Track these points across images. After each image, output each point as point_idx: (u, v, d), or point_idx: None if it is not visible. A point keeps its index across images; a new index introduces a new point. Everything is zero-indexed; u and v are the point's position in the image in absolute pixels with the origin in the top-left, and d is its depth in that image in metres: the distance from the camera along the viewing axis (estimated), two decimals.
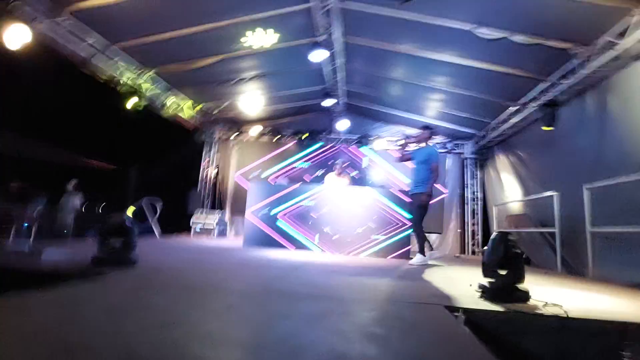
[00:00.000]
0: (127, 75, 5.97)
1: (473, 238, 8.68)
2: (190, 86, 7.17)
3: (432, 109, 7.79)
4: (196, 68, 6.21)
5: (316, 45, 5.43)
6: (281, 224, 5.53)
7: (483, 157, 8.23)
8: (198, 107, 8.04)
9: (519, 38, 4.57)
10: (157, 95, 6.90)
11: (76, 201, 8.24)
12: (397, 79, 6.86)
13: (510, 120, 6.69)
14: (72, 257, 3.00)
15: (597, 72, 4.54)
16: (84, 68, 5.41)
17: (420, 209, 4.51)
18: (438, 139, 8.91)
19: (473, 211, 8.83)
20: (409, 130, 8.96)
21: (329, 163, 8.84)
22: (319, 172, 8.91)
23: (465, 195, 8.91)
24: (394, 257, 5.25)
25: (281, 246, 5.43)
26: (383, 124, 9.12)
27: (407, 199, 5.48)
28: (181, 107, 7.59)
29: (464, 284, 2.94)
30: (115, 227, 3.03)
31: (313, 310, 1.81)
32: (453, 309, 1.98)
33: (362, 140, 8.96)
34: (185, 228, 8.13)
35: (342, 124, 8.59)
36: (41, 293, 1.81)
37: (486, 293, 2.35)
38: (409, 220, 4.82)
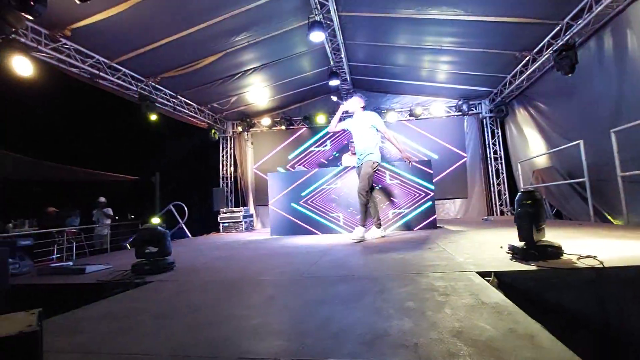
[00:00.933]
0: (134, 88, 6.08)
1: (500, 198, 8.52)
2: (194, 88, 7.23)
3: (442, 72, 7.54)
4: (198, 69, 6.24)
5: (314, 24, 5.31)
6: (305, 210, 5.62)
7: (502, 114, 7.95)
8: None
9: None
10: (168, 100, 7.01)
11: (107, 215, 8.66)
12: (401, 46, 6.65)
13: (526, 72, 6.40)
14: (113, 269, 3.18)
15: (610, 7, 4.27)
16: (92, 86, 5.55)
17: (369, 178, 4.24)
18: (452, 101, 8.67)
19: (497, 171, 8.64)
20: (421, 98, 8.77)
21: (344, 143, 8.80)
22: (335, 154, 8.91)
23: (487, 155, 8.70)
24: (420, 228, 5.26)
25: (308, 232, 5.53)
26: (393, 96, 8.95)
27: (426, 169, 5.43)
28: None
29: (494, 247, 2.93)
30: (149, 234, 3.18)
31: (348, 292, 1.87)
32: (485, 273, 1.99)
33: None
34: (214, 226, 8.40)
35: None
36: (91, 307, 1.95)
37: (517, 254, 2.34)
38: (359, 189, 4.31)
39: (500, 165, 8.64)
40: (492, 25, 5.36)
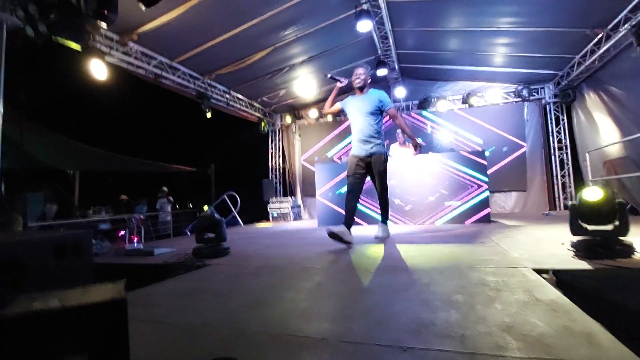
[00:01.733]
0: (192, 86, 6.52)
1: (564, 191, 7.82)
2: (246, 83, 7.54)
3: (499, 56, 7.02)
4: (249, 65, 6.50)
5: (362, 13, 5.25)
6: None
7: (568, 99, 7.22)
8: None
9: None
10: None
11: (168, 204, 9.45)
12: (453, 30, 6.31)
13: (599, 51, 5.74)
14: (177, 252, 3.50)
15: None
16: (156, 85, 6.06)
17: (386, 173, 3.63)
18: (511, 86, 8.06)
19: (562, 161, 7.92)
20: (475, 84, 8.27)
21: (393, 132, 8.63)
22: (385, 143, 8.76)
23: (551, 144, 7.99)
24: (473, 222, 5.04)
25: (354, 223, 5.56)
26: (444, 83, 8.53)
27: (479, 160, 5.16)
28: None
29: (553, 243, 2.75)
30: (207, 222, 3.45)
31: (395, 282, 1.89)
32: (541, 270, 1.89)
33: (424, 104, 8.51)
34: (264, 215, 8.78)
35: (400, 92, 8.26)
36: (160, 285, 2.19)
37: (581, 251, 2.17)
38: (380, 188, 3.63)
39: (565, 155, 7.90)
40: (557, 1, 4.87)
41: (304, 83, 7.94)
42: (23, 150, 5.42)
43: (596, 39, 5.66)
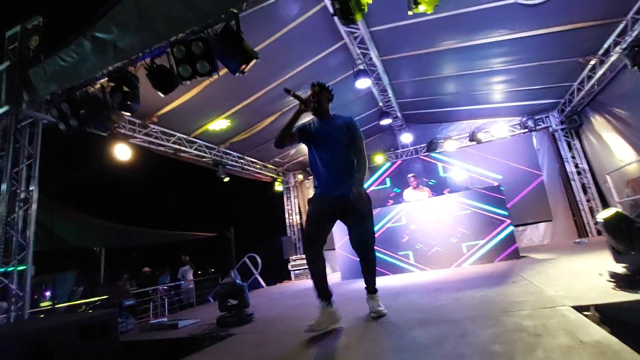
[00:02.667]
0: (209, 156, 6.91)
1: (593, 216, 7.47)
2: (257, 147, 7.92)
3: (498, 92, 7.25)
4: (259, 131, 6.90)
5: (360, 73, 5.63)
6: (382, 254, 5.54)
7: (575, 125, 7.24)
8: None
9: None
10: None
11: (190, 272, 9.44)
12: (449, 76, 6.63)
13: (595, 76, 5.88)
14: (201, 322, 3.44)
15: None
16: (175, 158, 6.45)
17: (372, 218, 2.68)
18: (514, 119, 8.18)
19: (583, 186, 7.69)
20: (478, 122, 8.44)
21: (407, 178, 8.70)
22: (396, 190, 8.79)
23: (568, 170, 7.84)
24: (501, 260, 4.82)
25: (378, 274, 5.38)
26: (448, 124, 8.74)
27: (496, 195, 5.09)
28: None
29: (591, 275, 2.59)
30: (229, 288, 3.43)
31: (426, 337, 1.80)
32: (582, 307, 1.77)
33: (431, 146, 8.65)
34: (286, 274, 8.62)
35: (406, 137, 8.49)
36: None
37: (622, 281, 2.05)
38: (364, 244, 2.68)
39: (585, 179, 7.69)
40: (544, 38, 5.13)
41: None
42: (54, 233, 5.67)
43: (590, 65, 5.83)
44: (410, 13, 3.23)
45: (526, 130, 8.06)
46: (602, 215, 2.28)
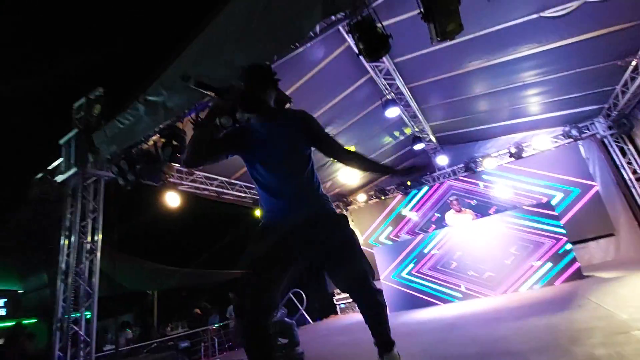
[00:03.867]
0: (248, 195, 7.23)
1: None
2: None
3: (535, 105, 7.01)
4: None
5: (388, 102, 5.75)
6: (419, 280, 5.36)
7: (625, 128, 6.76)
8: None
9: None
10: None
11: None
12: (481, 94, 6.56)
13: (639, 77, 5.55)
14: None
15: None
16: (218, 200, 6.81)
17: (361, 251, 1.84)
18: (556, 129, 7.81)
19: None
20: (517, 136, 8.14)
21: (447, 201, 8.47)
22: (438, 214, 8.53)
23: (625, 177, 7.23)
24: (563, 282, 4.45)
25: (428, 304, 5.18)
26: (484, 142, 8.50)
27: (547, 211, 4.79)
28: None
29: None
30: (278, 327, 3.46)
31: None
32: None
33: (470, 166, 8.41)
34: (331, 308, 8.45)
35: (442, 160, 8.36)
36: None
37: None
38: (361, 284, 1.79)
39: None
40: (575, 46, 4.99)
41: (347, 172, 8.39)
42: (113, 280, 6.08)
43: (631, 67, 5.54)
44: (432, 43, 3.34)
45: (571, 139, 7.63)
46: None
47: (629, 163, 7.28)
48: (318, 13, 2.99)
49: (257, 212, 7.32)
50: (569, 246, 4.56)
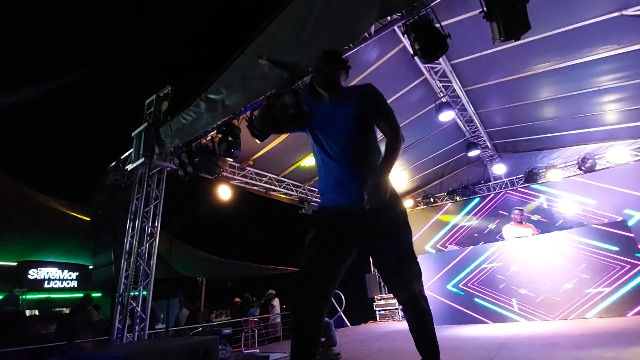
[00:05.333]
0: (295, 193, 7.39)
1: None
2: None
3: (612, 113, 6.29)
4: None
5: (442, 106, 5.53)
6: (466, 294, 5.07)
7: None
8: None
9: None
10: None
11: (275, 306, 9.79)
12: (547, 99, 6.03)
13: None
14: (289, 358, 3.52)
15: None
16: (266, 197, 7.05)
17: (411, 248, 1.66)
18: (637, 142, 6.93)
19: None
20: (589, 147, 7.37)
21: (499, 213, 7.91)
22: (492, 226, 8.00)
23: None
24: (636, 314, 3.93)
25: (475, 320, 4.87)
26: (549, 152, 7.80)
27: (621, 232, 4.27)
28: None
29: None
30: None
31: None
32: None
33: (531, 177, 7.77)
34: (370, 314, 8.31)
35: (499, 168, 7.84)
36: None
37: None
38: (406, 285, 1.63)
39: None
40: None
41: (395, 175, 8.21)
42: (169, 265, 6.58)
43: None
44: (495, 43, 3.14)
45: None
46: None
47: None
48: (374, 14, 2.97)
49: (304, 210, 7.45)
50: None
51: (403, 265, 1.59)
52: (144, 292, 4.88)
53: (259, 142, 3.72)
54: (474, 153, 7.04)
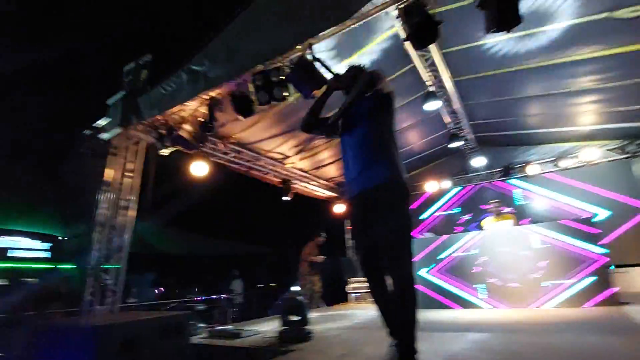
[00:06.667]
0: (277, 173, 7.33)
1: None
2: (323, 166, 8.14)
3: (590, 113, 6.48)
4: (321, 152, 7.14)
5: (429, 95, 5.52)
6: (437, 280, 5.24)
7: None
8: None
9: None
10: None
11: (239, 285, 9.89)
12: (531, 96, 6.14)
13: None
14: (262, 335, 3.57)
15: None
16: (247, 175, 6.96)
17: (407, 230, 1.94)
18: (610, 143, 7.21)
19: None
20: (565, 145, 7.61)
21: (476, 204, 8.15)
22: (467, 217, 8.24)
23: None
24: (594, 305, 4.18)
25: (443, 306, 5.06)
26: (528, 148, 8.02)
27: (586, 228, 4.47)
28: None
29: None
30: (291, 304, 3.53)
31: None
32: None
33: (508, 171, 8.00)
34: (344, 296, 8.51)
35: (479, 161, 7.99)
36: None
37: None
38: (396, 262, 1.92)
39: None
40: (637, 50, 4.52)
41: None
42: (143, 238, 6.46)
43: None
44: (486, 34, 3.13)
45: (627, 155, 7.03)
46: None
47: None
48: None
49: (285, 191, 7.41)
50: (608, 268, 4.26)
51: (397, 248, 1.85)
52: (117, 266, 4.78)
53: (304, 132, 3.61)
54: (456, 145, 7.14)
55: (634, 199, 6.78)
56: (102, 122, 4.97)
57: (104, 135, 4.79)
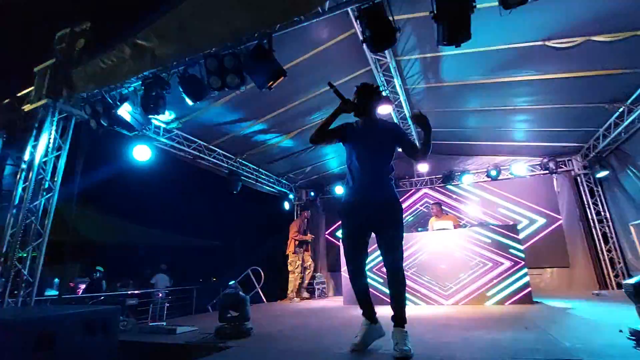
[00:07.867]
0: (225, 165, 7.04)
1: (614, 268, 7.16)
2: (274, 162, 8.03)
3: (520, 131, 7.20)
4: (276, 145, 7.02)
5: (382, 99, 5.68)
6: (378, 278, 5.44)
7: (598, 171, 7.07)
8: None
9: (601, 38, 4.17)
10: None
11: (167, 280, 9.45)
12: (472, 110, 6.64)
13: (622, 124, 5.77)
14: (199, 331, 3.41)
15: None
16: (193, 165, 6.60)
17: (402, 232, 2.47)
18: (535, 159, 8.06)
19: (604, 235, 7.40)
20: (498, 158, 8.35)
21: (418, 207, 8.61)
22: (410, 218, 8.68)
23: (589, 217, 7.59)
24: (513, 303, 4.64)
25: (384, 302, 5.26)
26: (466, 158, 8.67)
27: (510, 234, 4.96)
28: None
29: (610, 330, 2.47)
30: (231, 299, 3.40)
31: None
32: None
33: (448, 179, 8.57)
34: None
35: (422, 167, 8.45)
36: None
37: None
38: (396, 249, 2.43)
39: (607, 228, 7.42)
40: (570, 81, 5.10)
41: (327, 161, 8.34)
42: (68, 225, 5.81)
43: (617, 113, 5.74)
44: (438, 46, 3.29)
45: (547, 171, 7.91)
46: (633, 280, 2.18)
47: (595, 204, 7.64)
48: None
49: (232, 184, 7.15)
50: (524, 271, 4.74)
51: (396, 245, 2.40)
52: (34, 254, 4.25)
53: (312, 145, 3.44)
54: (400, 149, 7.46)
55: (551, 211, 7.66)
56: (25, 91, 4.37)
57: (27, 107, 4.22)
